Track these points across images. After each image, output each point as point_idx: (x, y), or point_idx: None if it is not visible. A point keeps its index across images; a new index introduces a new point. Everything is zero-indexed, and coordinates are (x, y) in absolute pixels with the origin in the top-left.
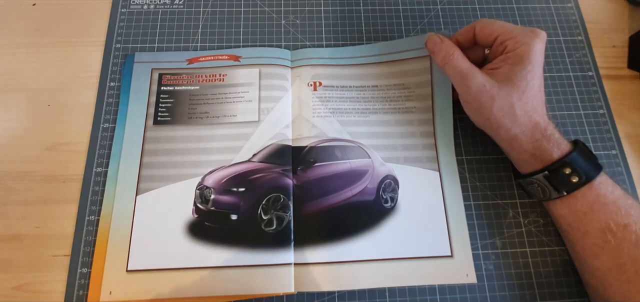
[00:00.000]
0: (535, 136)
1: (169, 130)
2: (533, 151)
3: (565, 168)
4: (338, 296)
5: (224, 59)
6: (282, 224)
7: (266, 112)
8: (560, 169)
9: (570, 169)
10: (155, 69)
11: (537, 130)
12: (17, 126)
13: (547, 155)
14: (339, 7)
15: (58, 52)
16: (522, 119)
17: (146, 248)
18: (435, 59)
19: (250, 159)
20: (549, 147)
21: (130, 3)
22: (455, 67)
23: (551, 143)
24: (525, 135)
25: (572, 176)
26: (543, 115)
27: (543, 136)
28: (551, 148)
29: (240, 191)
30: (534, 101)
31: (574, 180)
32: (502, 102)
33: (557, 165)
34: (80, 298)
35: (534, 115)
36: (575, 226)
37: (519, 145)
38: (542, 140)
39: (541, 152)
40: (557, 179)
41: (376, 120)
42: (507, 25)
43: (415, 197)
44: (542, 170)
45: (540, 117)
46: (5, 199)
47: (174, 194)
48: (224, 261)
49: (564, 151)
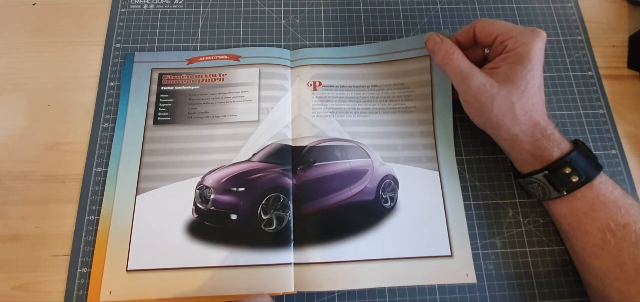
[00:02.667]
0: (536, 136)
1: (169, 130)
2: (533, 151)
3: (565, 168)
4: (338, 296)
5: (224, 59)
6: (282, 224)
7: (266, 112)
8: (561, 168)
9: (570, 169)
10: (156, 69)
11: (537, 130)
12: (17, 126)
13: (547, 155)
14: (339, 7)
15: (58, 52)
16: (522, 119)
17: (146, 248)
18: (436, 58)
19: (250, 159)
20: (549, 147)
21: (130, 3)
22: (456, 67)
23: (551, 143)
24: (525, 135)
25: (572, 175)
26: (543, 115)
27: (543, 136)
28: (551, 148)
29: (240, 191)
30: (534, 101)
31: (574, 180)
32: (503, 102)
33: (558, 165)
34: (80, 298)
35: (534, 115)
36: (575, 226)
37: (519, 145)
38: (542, 140)
39: (541, 152)
40: (557, 178)
41: (376, 120)
42: (508, 25)
43: (415, 197)
44: (542, 170)
45: (541, 117)
46: (5, 199)
47: (174, 194)
48: (224, 261)
49: (564, 150)
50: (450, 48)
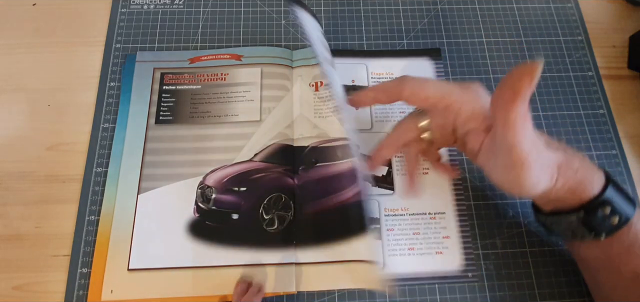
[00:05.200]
0: (567, 175)
1: (171, 130)
2: (565, 194)
3: (604, 207)
4: (338, 295)
5: (225, 58)
6: (283, 223)
7: (268, 111)
8: (599, 208)
9: (610, 208)
10: (157, 68)
11: (566, 169)
12: (17, 126)
13: (580, 192)
14: (339, 7)
15: (58, 52)
16: (546, 174)
17: (147, 247)
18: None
19: (252, 159)
20: (583, 181)
21: (130, 3)
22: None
23: (585, 176)
24: (558, 183)
25: (611, 216)
26: (557, 149)
27: (572, 170)
28: (585, 183)
29: (242, 191)
30: (539, 147)
31: (613, 222)
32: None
33: (595, 204)
34: (80, 298)
35: (551, 160)
36: (606, 266)
37: (554, 194)
38: (574, 175)
39: (574, 188)
40: (595, 220)
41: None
42: (439, 87)
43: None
44: (576, 209)
45: (556, 153)
46: (5, 199)
47: (176, 193)
48: (225, 260)
49: (598, 185)
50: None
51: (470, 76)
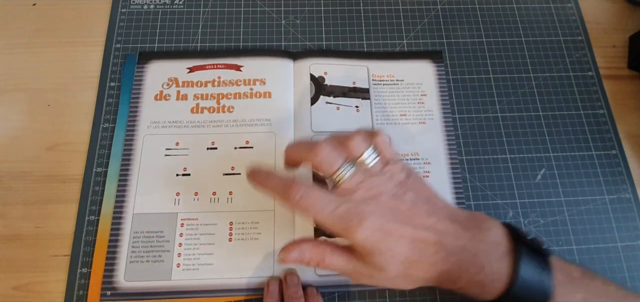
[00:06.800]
0: (468, 270)
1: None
2: (477, 291)
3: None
4: (338, 295)
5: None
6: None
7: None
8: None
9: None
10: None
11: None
12: (17, 126)
13: (489, 289)
14: (339, 7)
15: (58, 52)
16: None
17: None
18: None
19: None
20: (484, 282)
21: (130, 3)
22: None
23: (485, 278)
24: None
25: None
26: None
27: (470, 273)
28: (486, 284)
29: None
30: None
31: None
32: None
33: (506, 299)
34: (80, 298)
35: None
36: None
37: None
38: (474, 277)
39: (481, 288)
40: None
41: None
42: (307, 151)
43: None
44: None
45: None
46: (5, 199)
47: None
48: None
49: (503, 274)
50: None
51: (470, 76)
